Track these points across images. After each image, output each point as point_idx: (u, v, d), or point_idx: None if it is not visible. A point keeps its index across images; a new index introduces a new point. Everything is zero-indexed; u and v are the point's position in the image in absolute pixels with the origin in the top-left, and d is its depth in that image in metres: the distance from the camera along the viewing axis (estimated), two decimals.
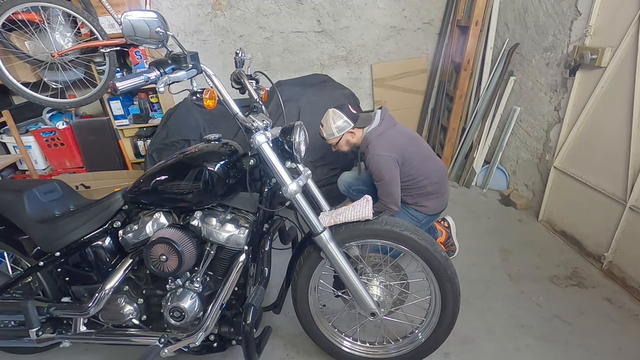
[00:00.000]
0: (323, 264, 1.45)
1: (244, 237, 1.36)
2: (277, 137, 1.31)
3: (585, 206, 2.28)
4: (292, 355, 1.73)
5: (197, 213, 1.39)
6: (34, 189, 1.48)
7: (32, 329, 1.46)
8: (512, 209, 2.86)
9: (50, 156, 2.99)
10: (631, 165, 1.97)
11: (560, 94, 2.48)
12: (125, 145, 3.04)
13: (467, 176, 3.20)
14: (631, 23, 1.93)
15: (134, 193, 1.40)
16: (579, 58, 2.22)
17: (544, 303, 1.96)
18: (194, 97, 1.16)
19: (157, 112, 2.95)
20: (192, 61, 1.15)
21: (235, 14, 3.15)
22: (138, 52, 2.67)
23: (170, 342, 1.43)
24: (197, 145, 1.41)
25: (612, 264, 2.12)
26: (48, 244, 1.45)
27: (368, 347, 1.60)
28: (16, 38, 2.42)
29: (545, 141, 2.64)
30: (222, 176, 1.31)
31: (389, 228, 1.34)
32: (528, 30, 2.73)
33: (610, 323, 1.83)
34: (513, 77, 2.90)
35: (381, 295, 1.46)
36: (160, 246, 1.29)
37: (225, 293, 1.38)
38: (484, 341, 1.75)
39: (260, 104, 1.36)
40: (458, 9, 3.15)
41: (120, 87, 1.03)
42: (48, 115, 2.96)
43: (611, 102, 2.10)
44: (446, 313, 1.42)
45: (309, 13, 3.22)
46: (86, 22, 2.35)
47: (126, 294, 1.49)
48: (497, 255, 2.34)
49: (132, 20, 1.03)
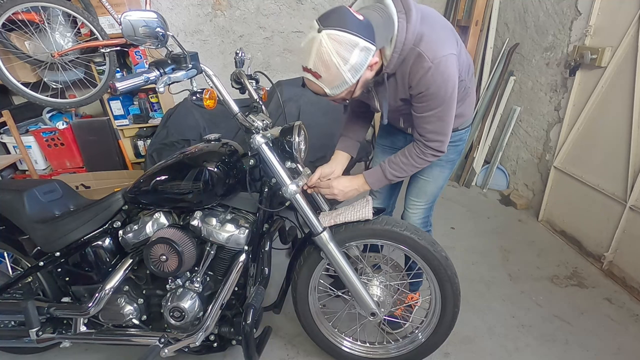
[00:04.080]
0: (323, 264, 1.45)
1: (244, 237, 1.36)
2: (276, 137, 1.31)
3: (585, 206, 2.28)
4: (292, 355, 1.72)
5: (197, 213, 1.38)
6: (34, 189, 1.47)
7: (32, 329, 1.46)
8: (512, 208, 2.86)
9: (50, 156, 2.99)
10: (631, 165, 1.97)
11: (560, 94, 2.48)
12: (125, 145, 3.03)
13: (467, 176, 3.20)
14: (631, 23, 1.93)
15: (134, 193, 1.40)
16: (579, 58, 2.22)
17: (544, 303, 1.96)
18: (194, 97, 1.16)
19: (157, 112, 2.95)
20: (192, 61, 1.15)
21: (235, 14, 3.15)
22: (138, 52, 2.67)
23: (170, 342, 1.43)
24: (197, 145, 1.41)
25: (612, 263, 2.12)
26: (48, 244, 1.45)
27: (368, 347, 1.60)
28: (16, 38, 2.42)
29: (545, 141, 2.64)
30: (222, 176, 1.30)
31: (389, 228, 1.34)
32: (528, 30, 2.73)
33: (610, 323, 1.83)
34: (513, 77, 2.90)
35: (381, 295, 1.46)
36: (160, 246, 1.29)
37: (225, 293, 1.38)
38: (484, 341, 1.75)
39: (260, 104, 1.35)
40: (458, 9, 3.15)
41: (120, 87, 1.03)
42: (48, 115, 2.95)
43: (611, 102, 2.10)
44: (446, 313, 1.42)
45: (309, 13, 3.22)
46: (86, 22, 2.35)
47: (126, 294, 1.49)
48: (497, 255, 2.34)
49: (132, 20, 1.03)
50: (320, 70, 1.03)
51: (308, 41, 1.02)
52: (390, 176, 1.33)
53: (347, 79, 1.06)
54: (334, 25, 0.99)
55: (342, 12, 1.01)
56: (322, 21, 1.00)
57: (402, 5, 1.10)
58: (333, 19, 1.00)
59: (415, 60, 1.12)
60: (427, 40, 1.11)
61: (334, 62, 1.01)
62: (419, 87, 1.16)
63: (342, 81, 1.06)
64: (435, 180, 1.52)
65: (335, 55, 1.00)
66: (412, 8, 1.09)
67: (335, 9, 1.03)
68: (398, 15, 1.09)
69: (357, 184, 1.37)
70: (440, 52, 1.12)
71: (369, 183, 1.37)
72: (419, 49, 1.11)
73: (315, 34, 1.00)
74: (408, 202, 1.63)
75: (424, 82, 1.14)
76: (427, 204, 1.60)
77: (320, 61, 1.02)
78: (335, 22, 0.99)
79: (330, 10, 1.04)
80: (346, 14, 1.01)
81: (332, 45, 0.99)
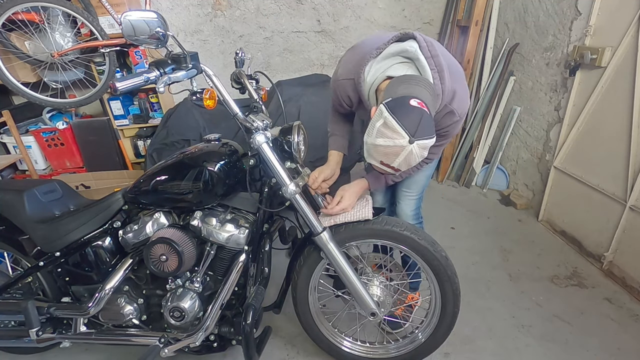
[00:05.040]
0: (323, 264, 1.45)
1: (244, 237, 1.36)
2: (276, 137, 1.31)
3: (585, 206, 2.28)
4: (292, 355, 1.72)
5: (197, 213, 1.38)
6: (34, 189, 1.47)
7: (32, 329, 1.46)
8: (512, 208, 2.86)
9: (50, 156, 2.99)
10: (631, 165, 1.97)
11: (560, 94, 2.48)
12: (125, 145, 3.03)
13: (467, 176, 3.20)
14: (631, 23, 1.93)
15: (134, 193, 1.40)
16: (579, 58, 2.22)
17: (544, 303, 1.96)
18: (194, 97, 1.16)
19: (157, 112, 2.95)
20: (192, 61, 1.15)
21: (235, 14, 3.15)
22: (138, 52, 2.67)
23: (170, 342, 1.43)
24: (197, 145, 1.41)
25: (612, 263, 2.12)
26: (48, 244, 1.45)
27: (368, 347, 1.60)
28: (16, 38, 2.42)
29: (545, 141, 2.64)
30: (222, 176, 1.31)
31: (389, 228, 1.34)
32: (528, 30, 2.73)
33: (610, 323, 1.83)
34: (513, 77, 2.90)
35: (381, 295, 1.46)
36: (160, 246, 1.29)
37: (225, 293, 1.38)
38: (484, 341, 1.75)
39: (260, 104, 1.35)
40: (458, 9, 3.15)
41: (120, 87, 1.03)
42: (48, 115, 2.95)
43: (611, 102, 2.10)
44: (446, 313, 1.42)
45: (309, 13, 3.22)
46: (86, 22, 2.35)
47: (126, 294, 1.49)
48: (497, 255, 2.34)
49: (132, 20, 1.03)
50: (402, 167, 1.08)
51: (395, 147, 1.03)
52: (390, 181, 1.52)
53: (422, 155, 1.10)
54: (422, 136, 1.03)
55: (426, 120, 1.03)
56: (410, 130, 1.01)
57: (434, 63, 1.15)
58: (420, 129, 1.02)
59: (446, 115, 1.27)
60: (458, 97, 1.25)
61: (416, 161, 1.08)
62: (440, 132, 1.30)
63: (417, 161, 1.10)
64: (425, 169, 1.59)
65: (419, 158, 1.07)
66: (443, 66, 1.16)
67: (418, 116, 1.02)
68: (432, 74, 1.15)
69: (361, 190, 1.46)
70: (465, 107, 1.29)
71: (371, 187, 1.49)
72: (452, 106, 1.24)
73: (406, 144, 1.02)
74: (400, 194, 1.66)
75: (447, 129, 1.32)
76: (417, 195, 1.65)
77: (405, 163, 1.07)
78: (423, 132, 1.02)
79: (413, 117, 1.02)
80: (427, 120, 1.03)
81: (419, 152, 1.05)
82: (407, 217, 1.65)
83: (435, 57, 1.15)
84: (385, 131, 1.03)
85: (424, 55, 1.14)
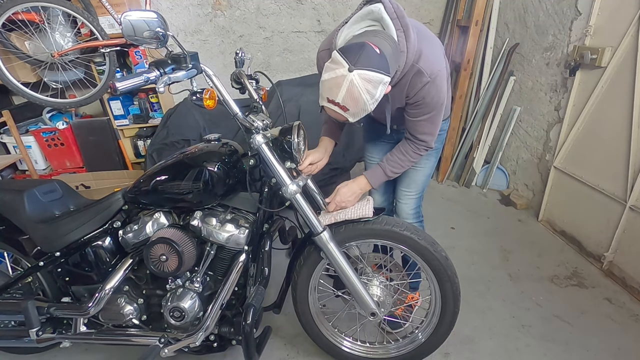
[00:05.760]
0: (323, 264, 1.45)
1: (244, 237, 1.36)
2: (276, 137, 1.31)
3: (586, 206, 2.28)
4: (292, 355, 1.73)
5: (197, 213, 1.38)
6: (34, 189, 1.48)
7: (32, 329, 1.46)
8: (512, 209, 2.86)
9: (50, 156, 2.99)
10: (631, 165, 1.97)
11: (560, 94, 2.48)
12: (125, 145, 3.03)
13: (467, 176, 3.20)
14: (631, 23, 1.93)
15: (134, 193, 1.40)
16: (579, 58, 2.22)
17: (544, 303, 1.96)
18: (194, 97, 1.16)
19: (157, 112, 2.95)
20: (192, 61, 1.15)
21: (235, 14, 3.15)
22: (138, 52, 2.67)
23: (170, 342, 1.43)
24: (197, 145, 1.41)
25: (612, 263, 2.12)
26: (48, 244, 1.45)
27: (368, 347, 1.60)
28: (16, 38, 2.42)
29: (545, 141, 2.64)
30: (222, 176, 1.31)
31: (389, 228, 1.34)
32: (528, 30, 2.73)
33: (610, 323, 1.83)
34: (513, 77, 2.90)
35: (381, 295, 1.46)
36: (160, 246, 1.30)
37: (225, 293, 1.38)
38: (484, 341, 1.75)
39: (260, 104, 1.35)
40: (458, 9, 3.15)
41: (120, 87, 1.03)
42: (48, 115, 2.95)
43: (611, 102, 2.10)
44: (446, 313, 1.42)
45: (309, 13, 3.22)
46: (86, 22, 2.35)
47: (126, 294, 1.49)
48: (497, 255, 2.34)
49: (132, 20, 1.03)
50: (348, 104, 1.09)
51: (336, 77, 1.06)
52: (390, 173, 1.43)
53: (369, 109, 1.13)
54: (363, 65, 1.04)
55: (368, 51, 1.05)
56: (350, 59, 1.04)
57: (400, 24, 1.16)
58: (362, 58, 1.04)
59: (415, 75, 1.23)
60: (425, 57, 1.22)
61: (363, 98, 1.08)
62: (416, 97, 1.27)
63: (365, 111, 1.14)
64: (424, 168, 1.60)
65: (365, 93, 1.07)
66: (409, 26, 1.17)
67: (360, 47, 1.06)
68: (397, 33, 1.16)
69: (360, 186, 1.43)
70: (435, 67, 1.24)
71: (371, 182, 1.45)
72: (419, 65, 1.22)
73: (346, 72, 1.04)
74: (399, 193, 1.67)
75: (421, 93, 1.26)
76: (417, 194, 1.65)
77: (350, 98, 1.08)
78: (364, 62, 1.04)
79: (355, 48, 1.06)
80: (372, 53, 1.05)
81: (362, 84, 1.05)
82: (407, 216, 1.65)
83: (401, 19, 1.16)
84: (330, 65, 1.08)
85: (390, 16, 1.15)
